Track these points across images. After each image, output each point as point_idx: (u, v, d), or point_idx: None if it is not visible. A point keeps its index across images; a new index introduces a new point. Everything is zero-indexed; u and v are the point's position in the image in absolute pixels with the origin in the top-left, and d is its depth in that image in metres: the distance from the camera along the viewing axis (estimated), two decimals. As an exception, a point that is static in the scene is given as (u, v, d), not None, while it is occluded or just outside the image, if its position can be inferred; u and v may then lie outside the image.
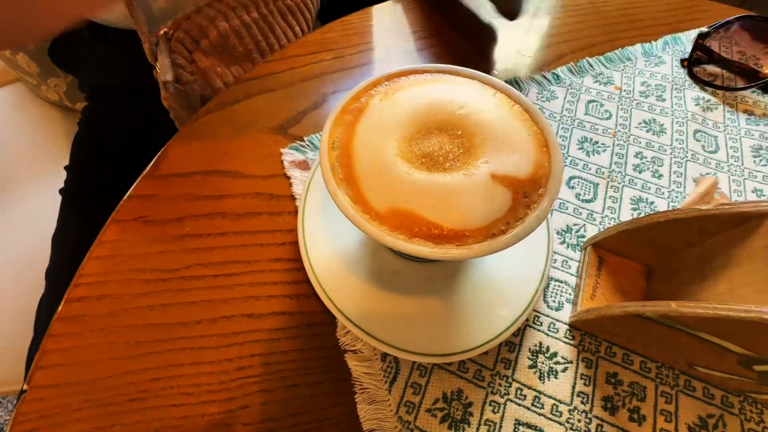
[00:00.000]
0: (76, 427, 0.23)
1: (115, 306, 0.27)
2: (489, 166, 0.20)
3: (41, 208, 0.55)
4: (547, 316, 0.28)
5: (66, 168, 0.52)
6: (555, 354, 0.26)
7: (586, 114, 0.38)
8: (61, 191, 0.51)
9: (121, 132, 0.51)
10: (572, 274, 0.29)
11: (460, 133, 0.22)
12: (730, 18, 0.43)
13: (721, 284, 0.21)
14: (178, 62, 0.41)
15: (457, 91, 0.24)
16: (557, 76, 0.41)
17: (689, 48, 0.43)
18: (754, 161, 0.35)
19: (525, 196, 0.20)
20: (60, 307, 0.26)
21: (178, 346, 0.26)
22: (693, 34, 0.45)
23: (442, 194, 0.19)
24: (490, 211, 0.19)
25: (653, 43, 0.44)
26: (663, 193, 0.33)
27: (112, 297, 0.27)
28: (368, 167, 0.21)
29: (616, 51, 0.43)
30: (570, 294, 0.29)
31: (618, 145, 0.36)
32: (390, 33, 0.44)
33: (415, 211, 0.19)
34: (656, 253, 0.27)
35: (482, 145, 0.21)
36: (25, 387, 0.24)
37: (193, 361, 0.25)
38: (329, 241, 0.28)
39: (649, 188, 0.33)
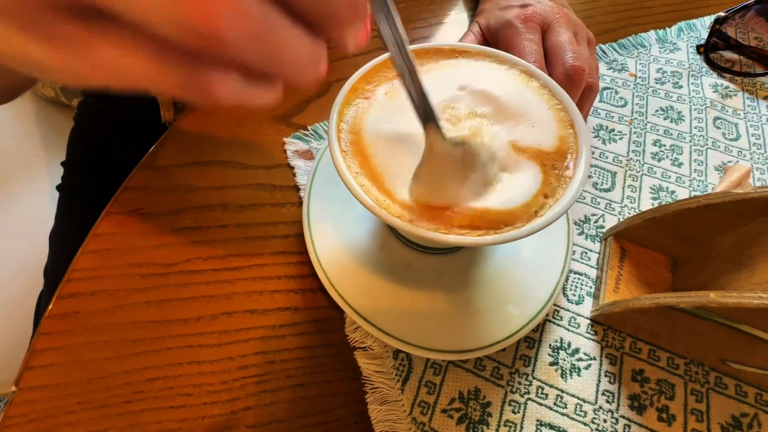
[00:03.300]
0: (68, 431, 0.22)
1: (109, 302, 0.25)
2: (509, 135, 0.19)
3: (38, 205, 0.54)
4: (568, 310, 0.26)
5: (62, 164, 0.50)
6: (577, 350, 0.25)
7: (600, 101, 0.36)
8: (58, 187, 0.49)
9: (118, 127, 0.49)
10: (592, 266, 0.28)
11: (474, 106, 0.21)
12: (746, 3, 0.41)
13: (760, 273, 0.20)
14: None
15: (470, 66, 0.22)
16: (569, 63, 0.39)
17: (704, 34, 0.42)
18: (778, 148, 0.34)
19: (554, 167, 0.18)
20: (51, 304, 0.25)
21: (177, 344, 0.24)
22: (707, 20, 0.44)
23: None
24: (525, 191, 0.18)
25: (667, 29, 0.42)
26: (684, 182, 0.32)
27: (106, 293, 0.25)
28: (381, 150, 0.19)
29: (630, 37, 0.41)
30: (591, 287, 0.27)
31: (635, 132, 0.34)
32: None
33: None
34: (684, 243, 0.25)
35: (499, 117, 0.20)
36: (14, 389, 0.23)
37: (193, 360, 0.24)
38: (336, 232, 0.27)
39: (669, 177, 0.32)
